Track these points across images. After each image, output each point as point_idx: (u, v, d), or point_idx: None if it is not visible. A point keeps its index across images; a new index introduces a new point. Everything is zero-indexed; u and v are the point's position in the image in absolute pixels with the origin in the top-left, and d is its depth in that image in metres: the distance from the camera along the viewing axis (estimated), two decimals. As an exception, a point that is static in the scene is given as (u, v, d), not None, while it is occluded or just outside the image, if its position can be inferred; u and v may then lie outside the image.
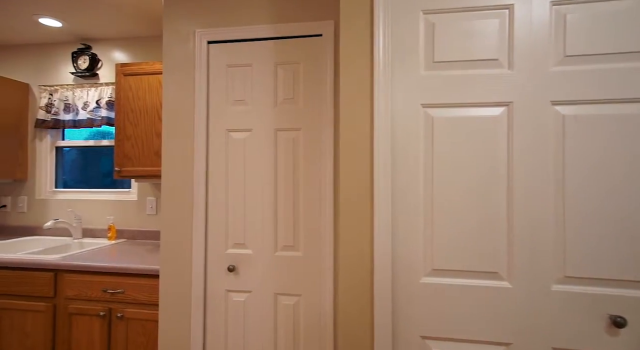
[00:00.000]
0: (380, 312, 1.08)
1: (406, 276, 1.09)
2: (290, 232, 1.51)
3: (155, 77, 2.08)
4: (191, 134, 1.58)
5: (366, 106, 1.15)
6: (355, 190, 1.15)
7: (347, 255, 1.14)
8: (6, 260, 1.84)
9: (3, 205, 2.60)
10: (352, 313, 1.13)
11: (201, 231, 1.54)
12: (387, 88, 1.11)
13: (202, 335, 1.52)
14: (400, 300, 1.09)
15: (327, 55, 1.49)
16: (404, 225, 1.10)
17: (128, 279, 1.73)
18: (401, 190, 1.10)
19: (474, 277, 1.05)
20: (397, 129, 1.12)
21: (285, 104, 1.53)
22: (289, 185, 1.52)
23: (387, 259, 1.09)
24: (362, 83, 1.16)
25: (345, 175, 1.16)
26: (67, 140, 2.63)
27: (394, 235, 1.10)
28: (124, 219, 2.43)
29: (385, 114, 1.11)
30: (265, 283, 1.51)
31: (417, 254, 1.08)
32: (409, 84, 1.11)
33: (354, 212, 1.15)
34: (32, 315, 1.82)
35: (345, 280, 1.14)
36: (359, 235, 1.14)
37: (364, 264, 1.13)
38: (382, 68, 1.12)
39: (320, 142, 1.50)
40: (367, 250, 1.13)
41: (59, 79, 2.57)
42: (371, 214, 1.13)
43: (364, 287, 1.13)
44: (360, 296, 1.13)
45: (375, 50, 1.12)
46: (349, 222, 1.15)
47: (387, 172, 1.10)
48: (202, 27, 1.58)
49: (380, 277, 1.09)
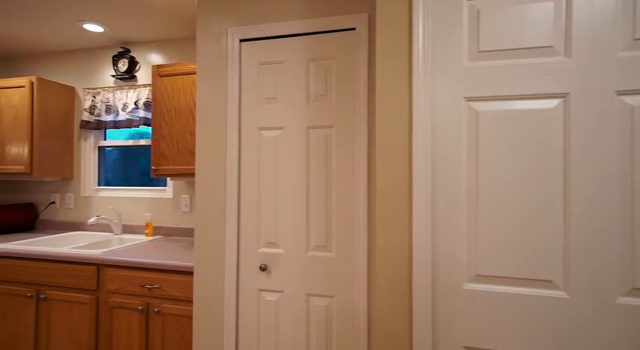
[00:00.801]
0: (420, 319, 1.02)
1: (448, 282, 1.02)
2: (322, 232, 1.47)
3: (190, 77, 2.12)
4: (224, 133, 1.58)
5: (404, 101, 1.09)
6: (392, 190, 1.09)
7: (383, 258, 1.09)
8: (55, 253, 1.96)
9: (52, 201, 2.78)
10: (388, 318, 1.08)
11: (233, 229, 1.54)
12: (426, 81, 1.05)
13: (235, 333, 1.53)
14: (441, 306, 1.02)
15: (361, 49, 1.44)
16: (445, 228, 1.03)
17: (164, 275, 1.78)
18: (442, 190, 1.04)
19: (525, 285, 0.96)
20: (438, 124, 1.05)
21: (317, 101, 1.50)
22: (320, 184, 1.48)
23: (427, 264, 1.02)
24: (399, 76, 1.10)
25: (381, 174, 1.10)
26: (109, 140, 2.75)
27: (434, 239, 1.04)
28: (161, 216, 2.52)
29: (425, 108, 1.04)
30: (297, 283, 1.49)
31: (460, 258, 1.01)
32: (450, 76, 1.04)
33: (391, 214, 1.09)
34: (77, 307, 1.92)
35: (381, 285, 1.09)
36: (395, 239, 1.08)
37: (401, 268, 1.07)
38: (421, 60, 1.05)
39: (354, 140, 1.45)
40: (405, 253, 1.07)
41: (101, 81, 2.70)
42: (409, 215, 1.07)
43: (401, 291, 1.07)
44: (397, 301, 1.07)
45: (414, 41, 1.06)
46: (385, 224, 1.10)
47: (427, 171, 1.04)
48: (235, 26, 1.58)
49: (420, 282, 1.03)
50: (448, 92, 1.04)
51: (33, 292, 2.00)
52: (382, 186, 1.10)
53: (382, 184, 1.10)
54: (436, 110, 1.05)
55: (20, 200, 2.87)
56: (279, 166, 1.53)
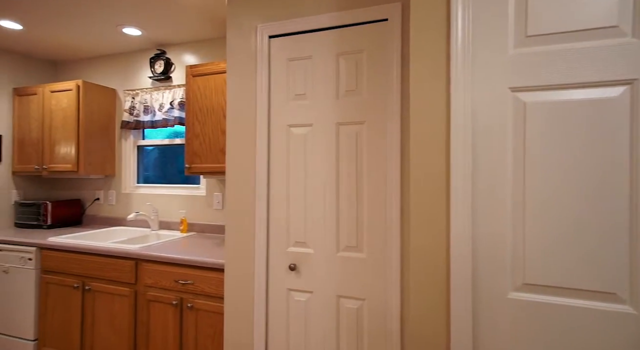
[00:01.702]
0: (458, 326, 0.95)
1: (490, 289, 0.93)
2: (352, 232, 1.42)
3: (221, 76, 2.14)
4: (253, 131, 1.57)
5: (441, 93, 1.01)
6: (428, 188, 1.02)
7: (418, 260, 1.02)
8: (98, 248, 2.06)
9: (97, 198, 2.94)
10: (422, 323, 1.01)
11: (263, 228, 1.53)
12: (466, 71, 0.96)
13: (265, 332, 1.52)
14: (482, 314, 0.94)
15: (393, 40, 1.36)
16: (486, 229, 0.94)
17: (197, 271, 1.81)
18: (483, 189, 0.95)
19: (582, 297, 0.86)
20: (479, 117, 0.96)
21: (347, 96, 1.45)
22: (351, 182, 1.43)
23: (466, 267, 0.95)
24: (436, 67, 1.02)
25: (416, 172, 1.03)
26: (147, 140, 2.87)
27: (474, 240, 0.96)
28: (194, 213, 2.58)
29: (465, 100, 0.96)
30: (327, 284, 1.45)
31: (504, 264, 0.92)
32: (493, 65, 0.95)
33: (426, 213, 1.02)
34: (118, 299, 2.01)
35: (415, 288, 1.03)
36: (431, 240, 1.01)
37: (437, 271, 1.00)
38: (460, 48, 0.97)
39: (386, 136, 1.39)
40: (441, 256, 1.00)
41: (139, 83, 2.81)
42: (446, 215, 0.99)
43: (438, 296, 1.00)
44: (432, 306, 1.00)
45: (452, 29, 0.98)
46: (420, 224, 1.03)
47: (467, 168, 0.96)
48: (264, 22, 1.56)
49: (458, 287, 0.95)
50: (490, 82, 0.95)
51: (79, 283, 2.12)
52: (416, 184, 1.03)
53: (417, 181, 1.03)
54: (477, 103, 0.96)
55: (68, 196, 3.07)
56: (309, 164, 1.50)
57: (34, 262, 2.25)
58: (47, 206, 2.70)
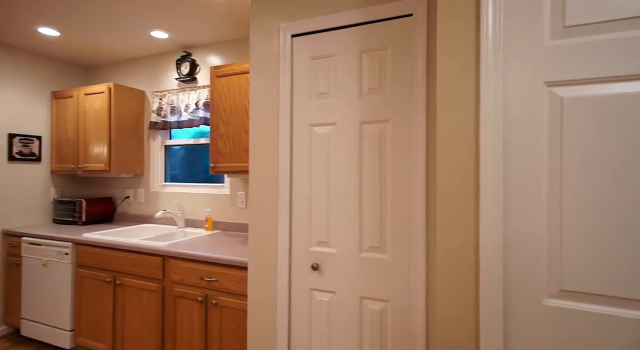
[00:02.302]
0: (489, 334, 0.91)
1: (523, 294, 0.89)
2: (376, 233, 1.40)
3: (244, 77, 2.16)
4: (276, 130, 1.58)
5: (469, 89, 0.97)
6: (455, 187, 0.98)
7: (445, 262, 0.99)
8: (128, 244, 2.14)
9: (127, 196, 3.06)
10: (450, 327, 0.98)
11: (286, 227, 1.54)
12: (497, 66, 0.92)
13: (287, 330, 1.53)
14: (514, 321, 0.90)
15: (418, 36, 1.32)
16: (520, 231, 0.90)
17: (221, 269, 1.85)
18: (516, 189, 0.90)
19: (625, 306, 0.80)
20: (511, 114, 0.91)
21: (371, 94, 1.42)
22: (374, 181, 1.41)
23: (497, 271, 0.90)
24: (464, 62, 0.98)
25: (443, 171, 1.00)
26: (173, 140, 2.95)
27: (506, 242, 0.91)
28: (219, 212, 2.63)
29: (496, 96, 0.92)
30: (350, 285, 1.43)
31: (539, 268, 0.87)
32: (527, 58, 0.90)
33: (453, 214, 0.98)
34: (147, 294, 2.08)
35: (442, 291, 0.99)
36: (459, 241, 0.98)
37: (465, 274, 0.96)
38: (491, 42, 0.92)
39: (410, 134, 1.35)
40: (470, 258, 0.96)
41: (166, 84, 2.89)
42: (475, 216, 0.95)
43: (466, 300, 0.96)
44: (460, 310, 0.96)
45: (482, 21, 0.93)
46: (447, 225, 0.99)
47: (498, 166, 0.91)
48: (286, 21, 1.56)
49: (488, 291, 0.91)
50: (524, 77, 0.90)
51: (111, 277, 2.21)
52: (443, 183, 1.00)
53: (444, 181, 1.00)
54: (509, 98, 0.92)
55: (101, 194, 3.21)
56: (331, 163, 1.48)
57: (70, 257, 2.37)
58: (82, 204, 2.84)
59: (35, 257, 2.53)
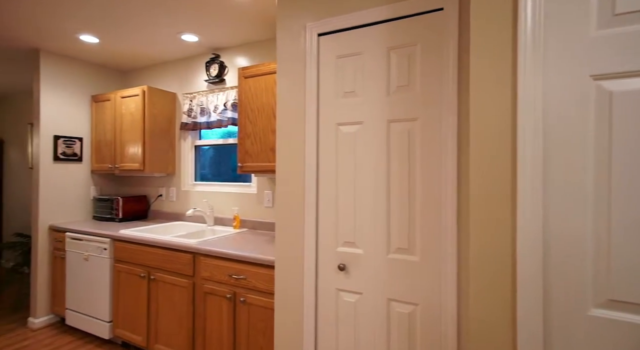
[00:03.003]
0: (527, 344, 0.86)
1: (565, 303, 0.83)
2: (404, 234, 1.37)
3: (271, 77, 2.18)
4: (302, 130, 1.58)
5: (505, 85, 0.92)
6: (490, 188, 0.94)
7: (478, 267, 0.95)
8: (161, 241, 2.22)
9: (160, 194, 3.18)
10: (484, 334, 0.93)
11: (312, 227, 1.53)
12: (537, 59, 0.86)
13: (314, 331, 1.53)
14: (556, 332, 0.84)
15: (449, 31, 1.28)
16: (562, 233, 0.84)
17: (249, 267, 1.88)
18: (558, 189, 0.85)
19: (685, 319, 0.73)
20: (552, 110, 0.86)
21: (399, 92, 1.39)
22: (403, 181, 1.37)
23: (536, 277, 0.85)
24: (500, 56, 0.93)
25: (477, 171, 0.95)
26: (203, 140, 3.03)
27: (545, 247, 0.86)
28: (246, 210, 2.68)
29: (535, 92, 0.86)
30: (377, 287, 1.41)
31: (584, 275, 0.81)
32: (570, 50, 0.84)
33: (488, 216, 0.94)
34: (178, 289, 2.16)
35: (475, 296, 0.95)
36: (494, 245, 0.93)
37: (501, 279, 0.92)
38: (529, 34, 0.87)
39: (441, 133, 1.30)
40: (506, 262, 0.91)
41: (196, 86, 2.98)
42: (512, 218, 0.90)
43: (503, 308, 0.91)
44: (497, 320, 0.92)
45: (520, 11, 0.88)
46: (481, 227, 0.95)
47: (537, 165, 0.86)
48: (313, 20, 1.55)
49: (526, 299, 0.86)
50: (566, 70, 0.84)
51: (145, 273, 2.31)
52: (477, 184, 0.95)
53: (478, 181, 0.95)
54: (549, 94, 0.86)
55: (136, 192, 3.36)
56: (358, 163, 1.46)
57: (108, 252, 2.50)
58: (119, 201, 2.98)
59: (77, 251, 2.69)
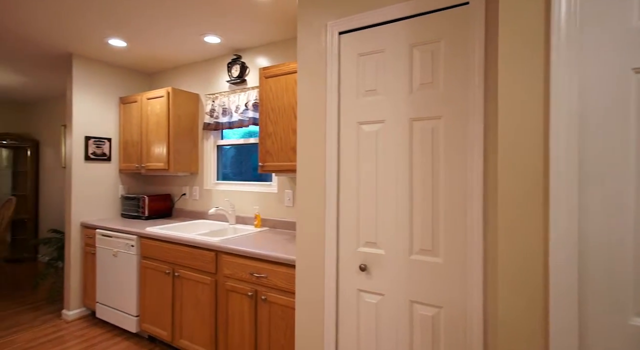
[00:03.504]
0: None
1: (603, 311, 0.78)
2: (427, 235, 1.33)
3: (292, 76, 2.19)
4: (323, 129, 1.57)
5: (536, 80, 0.88)
6: (520, 188, 0.90)
7: (507, 270, 0.91)
8: (185, 239, 2.28)
9: (184, 193, 3.27)
10: (515, 341, 0.90)
11: (333, 227, 1.52)
12: (571, 51, 0.82)
13: (335, 331, 1.52)
14: (592, 339, 0.80)
15: (475, 25, 1.23)
16: (599, 236, 0.79)
17: (270, 266, 1.89)
18: (595, 189, 0.80)
19: None
20: (588, 105, 0.81)
21: (422, 89, 1.35)
22: (426, 181, 1.34)
23: (571, 282, 0.81)
24: (530, 50, 0.89)
25: (506, 171, 0.92)
26: (225, 140, 3.08)
27: (582, 250, 0.81)
28: (267, 209, 2.70)
29: (570, 86, 0.82)
30: (399, 288, 1.38)
31: (624, 281, 0.76)
32: (609, 41, 0.79)
33: (518, 217, 0.90)
34: (201, 286, 2.20)
35: (504, 301, 0.91)
36: (525, 247, 0.89)
37: (532, 284, 0.88)
38: (564, 24, 0.82)
39: (466, 131, 1.26)
40: (537, 266, 0.87)
41: (218, 87, 3.03)
42: (544, 219, 0.86)
43: (533, 314, 0.87)
44: (527, 327, 0.88)
45: (554, 0, 0.84)
46: (510, 229, 0.91)
47: (572, 165, 0.81)
48: (334, 19, 1.54)
49: (560, 307, 0.82)
50: (604, 63, 0.79)
51: (170, 269, 2.38)
52: (506, 184, 0.92)
53: (506, 181, 0.91)
54: (586, 88, 0.81)
55: (161, 191, 3.46)
56: (380, 161, 1.44)
57: (135, 249, 2.59)
58: (145, 200, 3.08)
59: (106, 247, 2.80)
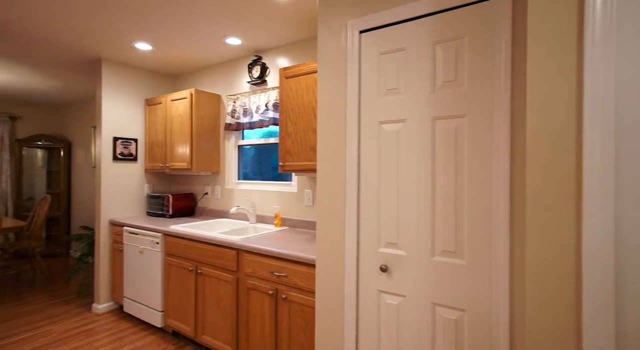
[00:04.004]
0: (592, 363, 0.78)
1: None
2: (450, 236, 1.30)
3: (312, 76, 2.19)
4: (343, 128, 1.56)
5: (568, 76, 0.84)
6: (551, 190, 0.86)
7: (537, 274, 0.88)
8: (208, 237, 2.33)
9: (206, 192, 3.34)
10: (545, 348, 0.86)
11: (353, 227, 1.52)
12: (607, 48, 0.78)
13: (355, 331, 1.51)
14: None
15: (501, 20, 1.19)
16: (638, 241, 0.75)
17: (290, 265, 1.90)
18: (633, 195, 0.76)
19: None
20: (625, 104, 0.77)
21: (445, 87, 1.32)
22: (449, 181, 1.31)
23: (606, 287, 0.77)
24: (562, 45, 0.85)
25: (535, 171, 0.88)
26: (246, 140, 3.13)
27: (618, 254, 0.77)
28: (287, 209, 2.72)
29: (605, 85, 0.78)
30: (421, 290, 1.36)
31: (665, 290, 0.72)
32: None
33: (548, 219, 0.86)
34: (223, 284, 2.25)
35: (533, 310, 0.88)
36: (556, 250, 0.85)
37: (563, 291, 0.84)
38: (599, 17, 0.78)
39: (492, 130, 1.23)
40: (570, 269, 0.83)
41: (239, 88, 3.08)
42: (577, 221, 0.82)
43: (565, 323, 0.84)
44: (558, 336, 0.84)
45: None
46: (539, 232, 0.87)
47: (608, 165, 0.77)
48: (354, 17, 1.53)
49: (594, 316, 0.78)
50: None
51: (193, 267, 2.44)
52: (535, 184, 0.88)
53: (536, 181, 0.88)
54: (623, 85, 0.77)
55: (184, 190, 3.55)
56: (401, 161, 1.42)
57: (160, 246, 2.67)
58: (169, 198, 3.17)
59: (133, 244, 2.90)
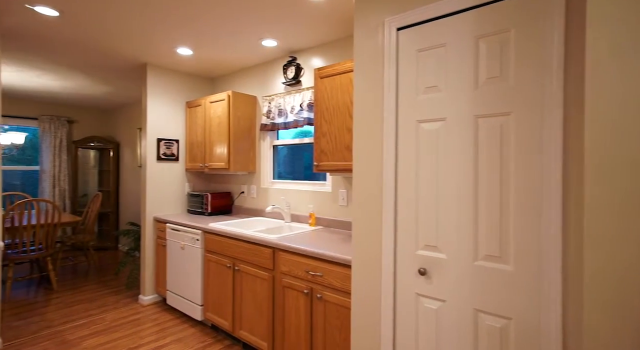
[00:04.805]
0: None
1: None
2: (494, 240, 1.24)
3: (346, 75, 2.18)
4: (380, 128, 1.54)
5: (635, 70, 0.77)
6: (614, 195, 0.79)
7: (596, 289, 0.81)
8: (245, 235, 2.39)
9: (242, 191, 3.43)
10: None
11: (390, 228, 1.49)
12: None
13: (392, 335, 1.48)
14: None
15: (553, 10, 1.11)
16: None
17: (325, 265, 1.91)
18: None
19: None
20: None
21: (488, 84, 1.26)
22: (493, 181, 1.25)
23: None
24: (630, 33, 0.78)
25: (596, 174, 0.81)
26: (280, 140, 3.18)
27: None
28: (321, 208, 2.73)
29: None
30: (462, 295, 1.31)
31: None
32: None
33: (610, 226, 0.80)
34: (259, 281, 2.30)
35: (592, 321, 0.81)
36: (618, 260, 0.78)
37: (629, 307, 0.77)
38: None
39: (541, 128, 1.15)
40: (635, 286, 0.76)
41: (274, 89, 3.13)
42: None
43: (629, 339, 0.77)
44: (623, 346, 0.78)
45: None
46: (600, 239, 0.81)
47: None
48: (391, 15, 1.50)
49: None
50: None
51: (230, 263, 2.52)
52: (595, 189, 0.81)
53: (596, 185, 0.81)
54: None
55: (222, 189, 3.68)
56: (441, 162, 1.37)
57: (200, 243, 2.78)
58: (208, 197, 3.29)
59: (175, 240, 3.05)
